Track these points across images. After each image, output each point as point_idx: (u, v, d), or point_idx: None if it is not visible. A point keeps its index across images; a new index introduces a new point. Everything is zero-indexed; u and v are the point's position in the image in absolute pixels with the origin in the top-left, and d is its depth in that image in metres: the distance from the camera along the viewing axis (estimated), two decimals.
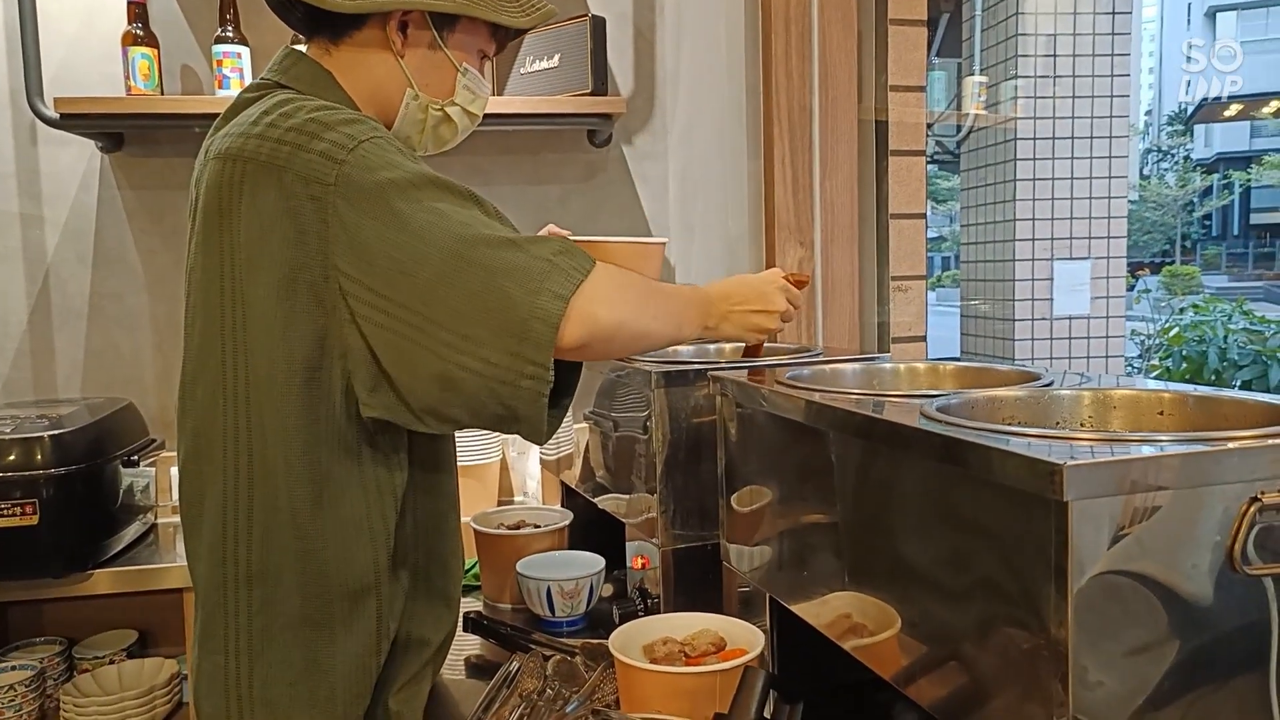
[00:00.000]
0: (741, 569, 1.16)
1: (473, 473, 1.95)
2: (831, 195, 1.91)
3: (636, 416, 1.34)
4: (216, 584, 0.98)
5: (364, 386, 0.93)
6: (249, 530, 0.96)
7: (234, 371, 0.95)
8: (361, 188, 0.90)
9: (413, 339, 0.90)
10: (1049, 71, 4.59)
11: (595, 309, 0.92)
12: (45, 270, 1.99)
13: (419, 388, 0.92)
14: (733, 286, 1.17)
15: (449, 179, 0.96)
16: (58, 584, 1.67)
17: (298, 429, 0.94)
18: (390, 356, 0.91)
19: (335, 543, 0.97)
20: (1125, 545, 0.63)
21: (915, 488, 0.79)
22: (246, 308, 0.93)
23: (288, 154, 0.91)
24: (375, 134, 0.95)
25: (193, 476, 0.99)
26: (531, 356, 0.89)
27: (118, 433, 1.80)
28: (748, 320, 1.17)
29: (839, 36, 1.87)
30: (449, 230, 0.90)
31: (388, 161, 0.92)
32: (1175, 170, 20.84)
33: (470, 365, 0.89)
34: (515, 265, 0.90)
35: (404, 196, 0.90)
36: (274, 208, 0.91)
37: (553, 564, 1.47)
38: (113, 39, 1.90)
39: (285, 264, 0.91)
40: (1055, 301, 4.83)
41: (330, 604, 0.98)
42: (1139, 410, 0.86)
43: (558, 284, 0.90)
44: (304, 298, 0.91)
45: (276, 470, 0.95)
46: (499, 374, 0.89)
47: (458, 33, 1.09)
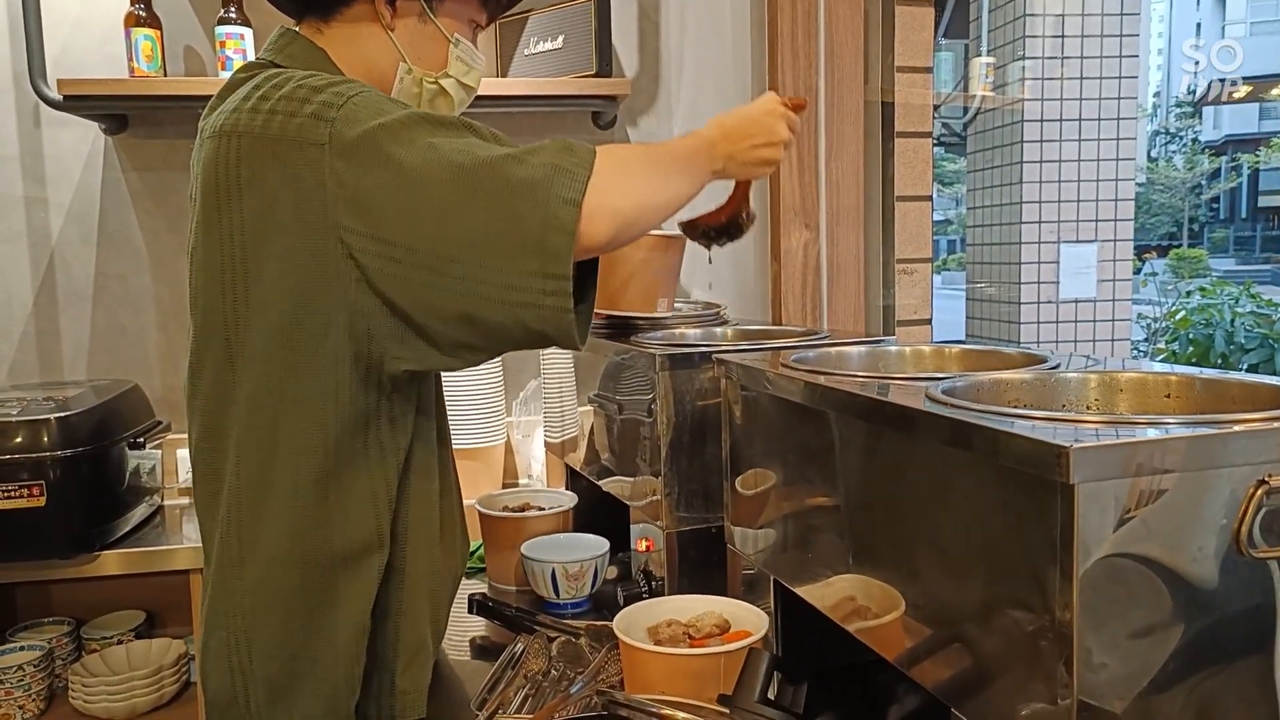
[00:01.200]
0: (746, 551, 1.17)
1: (477, 455, 1.96)
2: (837, 177, 1.90)
3: (641, 399, 1.34)
4: (227, 560, 0.98)
5: (391, 340, 0.93)
6: (259, 506, 0.96)
7: (241, 349, 0.94)
8: (354, 140, 0.89)
9: (428, 281, 0.89)
10: (1057, 53, 4.55)
11: (609, 200, 0.90)
12: (50, 252, 1.99)
13: (444, 328, 0.91)
14: (733, 124, 1.13)
15: (439, 113, 0.95)
16: (65, 565, 1.68)
17: (306, 401, 0.94)
18: (410, 302, 0.90)
19: (339, 514, 0.97)
20: (1131, 528, 0.63)
21: (920, 470, 0.79)
22: (249, 285, 0.93)
23: (280, 123, 0.90)
24: (364, 89, 0.94)
25: (207, 455, 1.00)
26: (551, 271, 0.87)
27: (124, 415, 1.81)
28: (753, 156, 1.13)
29: (845, 16, 1.85)
30: (447, 162, 0.89)
31: (377, 110, 0.91)
32: (1183, 153, 20.70)
33: (490, 294, 0.88)
34: (520, 181, 0.88)
35: (396, 139, 0.89)
36: (272, 179, 0.90)
37: (557, 546, 1.48)
38: (115, 20, 1.89)
39: (287, 234, 0.90)
40: (1061, 284, 4.81)
41: (332, 571, 0.98)
42: (1146, 393, 0.85)
43: (565, 189, 0.88)
44: (309, 267, 0.91)
45: (287, 444, 0.95)
46: (521, 297, 0.88)
47: (448, 3, 1.09)
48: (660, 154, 1.05)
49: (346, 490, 0.97)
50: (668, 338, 1.47)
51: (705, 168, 1.08)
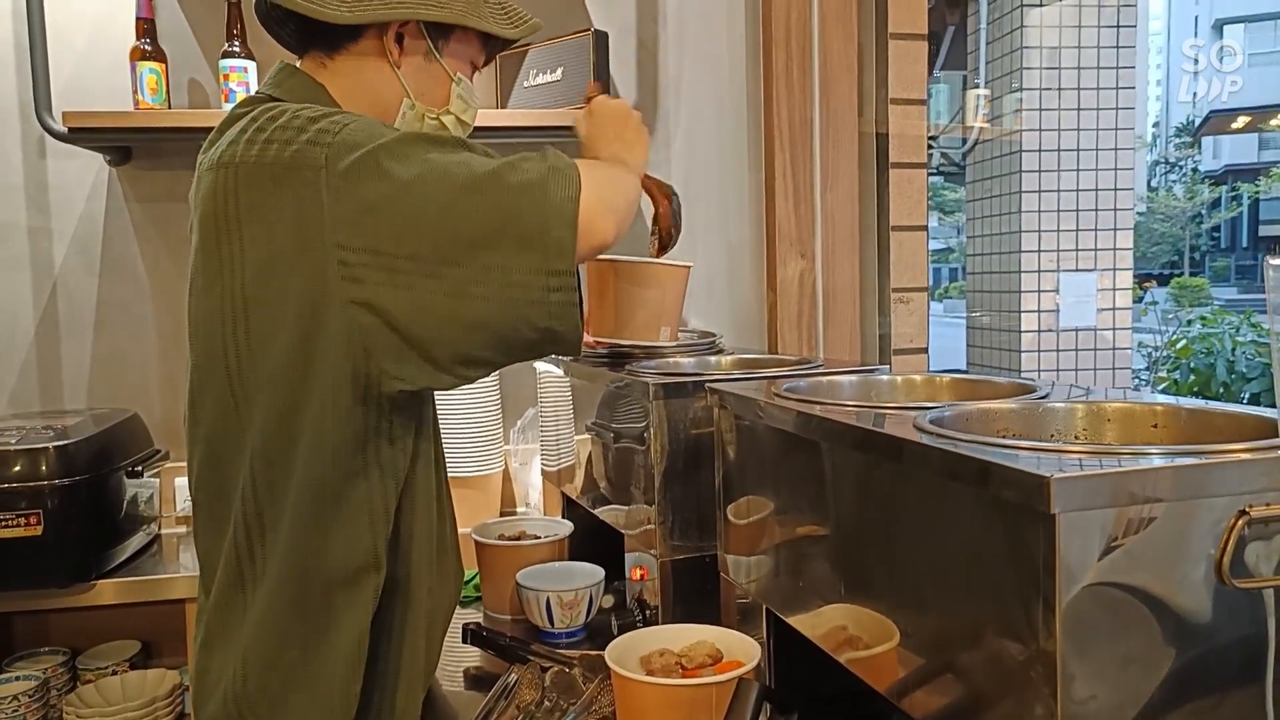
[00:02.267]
0: (739, 580, 1.17)
1: (474, 484, 1.96)
2: (832, 207, 1.91)
3: (636, 427, 1.34)
4: (230, 585, 0.99)
5: (388, 359, 0.93)
6: (262, 531, 0.97)
7: (244, 376, 0.95)
8: (351, 160, 0.91)
9: (430, 288, 0.90)
10: (1054, 84, 4.59)
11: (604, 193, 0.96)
12: (52, 281, 2.01)
13: (445, 337, 0.92)
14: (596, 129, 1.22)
15: (434, 132, 0.98)
16: (62, 594, 1.68)
17: (308, 428, 0.94)
18: (410, 314, 0.91)
19: (337, 535, 0.98)
20: (1115, 558, 0.63)
21: (909, 500, 0.79)
22: (250, 315, 0.94)
23: (277, 150, 0.92)
24: (359, 117, 0.96)
25: (209, 483, 1.00)
26: (555, 266, 0.90)
27: (122, 443, 1.81)
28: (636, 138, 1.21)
29: (840, 49, 1.88)
30: (445, 171, 0.91)
31: (372, 133, 0.93)
32: (1183, 182, 20.82)
33: (495, 294, 0.90)
34: (517, 183, 0.91)
35: (393, 156, 0.91)
36: (270, 206, 0.92)
37: (552, 575, 1.48)
38: (121, 53, 1.92)
39: (287, 260, 0.91)
40: (1062, 313, 4.82)
41: (329, 591, 0.98)
42: (1132, 423, 0.86)
43: (562, 187, 0.92)
44: (308, 291, 0.91)
45: (289, 470, 0.95)
46: (526, 294, 0.90)
47: (452, 43, 1.12)
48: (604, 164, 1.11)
49: (344, 509, 0.98)
50: (662, 366, 1.48)
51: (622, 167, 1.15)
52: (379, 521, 1.00)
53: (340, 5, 1.03)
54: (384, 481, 1.00)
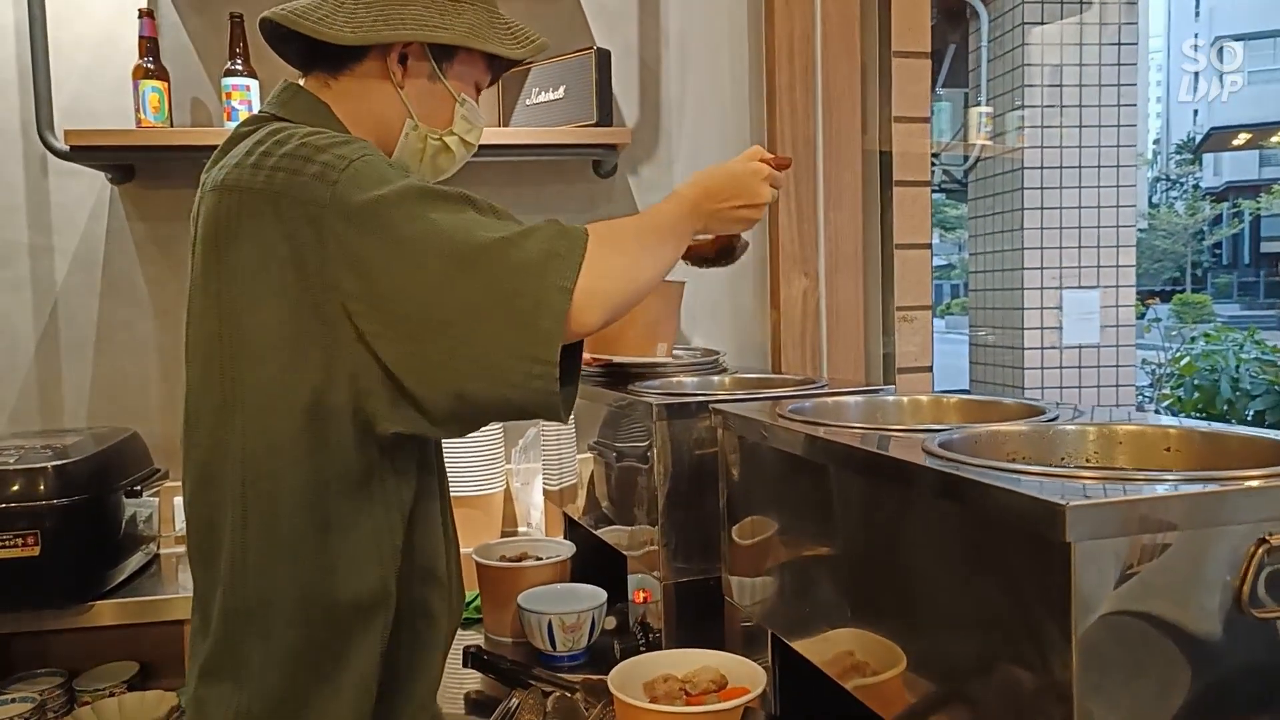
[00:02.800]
0: (743, 604, 1.15)
1: (476, 503, 1.94)
2: (836, 225, 1.90)
3: (639, 448, 1.33)
4: (224, 614, 0.97)
5: (384, 403, 0.93)
6: (258, 560, 0.95)
7: (236, 403, 0.94)
8: (355, 205, 0.90)
9: (419, 352, 0.90)
10: (1055, 101, 4.60)
11: (600, 285, 0.92)
12: (54, 300, 2.00)
13: (435, 399, 0.92)
14: (716, 184, 1.15)
15: (440, 186, 0.96)
16: (60, 615, 1.66)
17: (303, 457, 0.93)
18: (402, 370, 0.91)
19: (344, 567, 0.96)
20: (1131, 586, 0.62)
21: (918, 524, 0.78)
22: (246, 337, 0.93)
23: (283, 180, 0.91)
24: (366, 152, 0.95)
25: (201, 509, 0.99)
26: (539, 355, 0.89)
27: (121, 462, 1.80)
28: (734, 215, 1.15)
29: (842, 68, 1.88)
30: (445, 238, 0.90)
31: (380, 178, 0.92)
32: (1184, 199, 20.85)
33: (478, 372, 0.89)
34: (515, 264, 0.90)
35: (397, 209, 0.91)
36: (272, 234, 0.91)
37: (554, 597, 1.46)
38: (124, 72, 1.92)
39: (285, 289, 0.91)
40: (1065, 330, 4.80)
41: (336, 627, 0.97)
42: (1145, 446, 0.84)
43: (559, 274, 0.90)
44: (307, 322, 0.91)
45: (286, 500, 0.94)
46: (508, 377, 0.89)
47: (456, 64, 1.11)
48: (647, 226, 1.07)
49: (350, 543, 0.96)
50: (665, 386, 1.47)
51: (688, 230, 1.11)
52: (387, 555, 0.99)
53: (344, 26, 1.02)
54: (389, 514, 0.99)
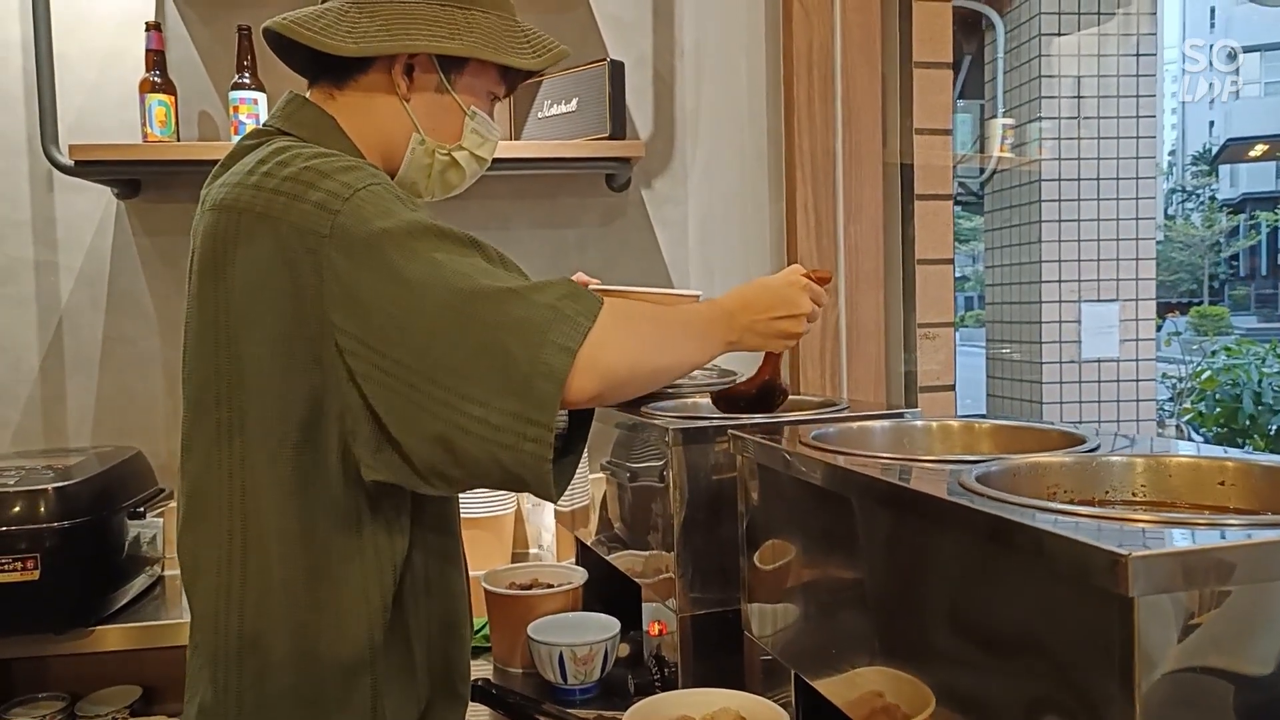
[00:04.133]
0: (763, 640, 1.10)
1: (486, 525, 1.90)
2: (856, 240, 1.85)
3: (653, 472, 1.28)
4: (210, 653, 0.93)
5: (367, 447, 0.89)
6: (242, 599, 0.91)
7: (228, 433, 0.90)
8: (356, 239, 0.86)
9: (410, 398, 0.85)
10: (1073, 113, 4.55)
11: (605, 356, 0.87)
12: (59, 316, 1.97)
13: (420, 449, 0.87)
14: (753, 294, 1.10)
15: (447, 226, 0.91)
16: (60, 640, 1.62)
17: (293, 493, 0.89)
18: (390, 416, 0.86)
19: (330, 614, 0.92)
20: (1196, 639, 0.57)
21: (956, 564, 0.73)
22: (241, 366, 0.89)
23: (283, 205, 0.88)
24: (372, 181, 0.91)
25: (188, 541, 0.95)
26: (534, 417, 0.84)
27: (125, 483, 1.77)
28: (772, 328, 1.10)
29: (863, 79, 1.83)
30: (446, 283, 0.85)
31: (384, 210, 0.88)
32: (1201, 210, 20.71)
33: (469, 427, 0.84)
34: (516, 319, 0.85)
35: (399, 247, 0.86)
36: (269, 260, 0.87)
37: (565, 627, 1.41)
38: (132, 87, 1.89)
39: (281, 318, 0.87)
40: (1084, 344, 4.74)
41: (323, 680, 0.92)
42: (1198, 479, 0.79)
43: (563, 335, 0.85)
44: (300, 354, 0.87)
45: (271, 537, 0.90)
46: (499, 437, 0.84)
47: (465, 75, 1.06)
48: (671, 318, 1.03)
49: (338, 593, 0.92)
50: (681, 408, 1.42)
51: (720, 337, 1.06)
52: (375, 612, 0.93)
53: (346, 37, 0.98)
54: (380, 565, 0.94)
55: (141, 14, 1.92)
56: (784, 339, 1.13)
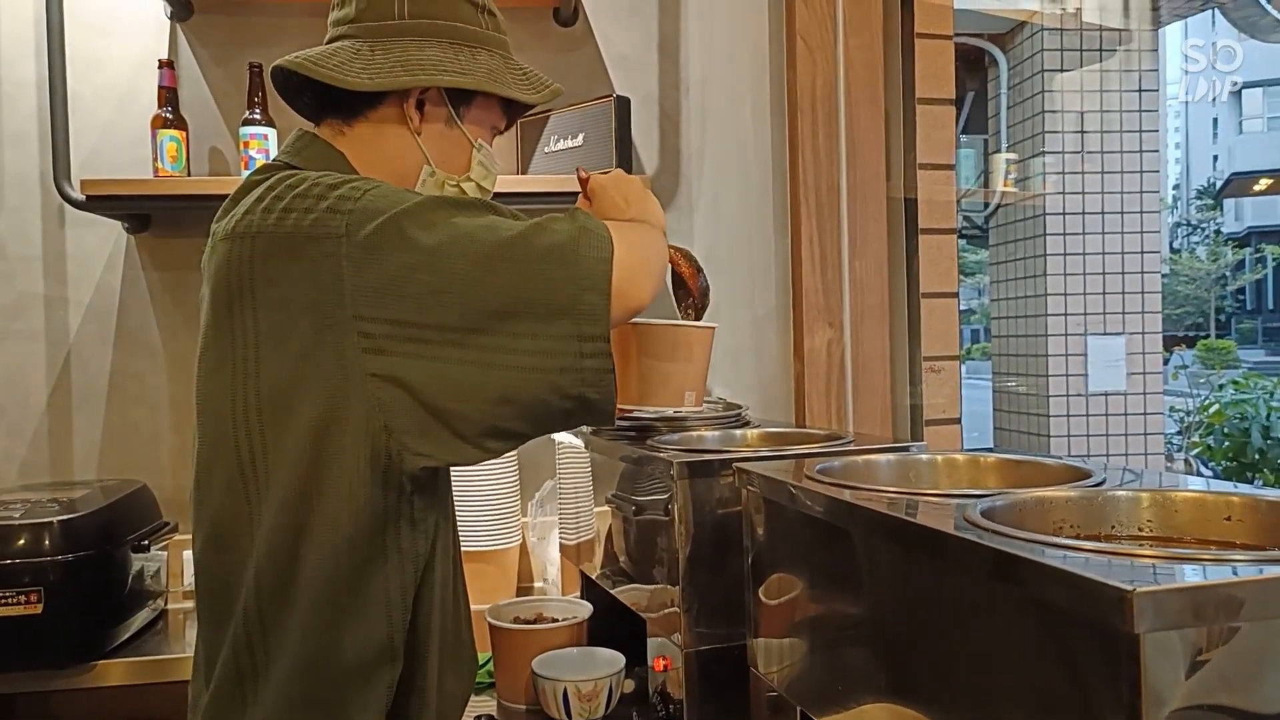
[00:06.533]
0: (769, 676, 1.09)
1: (491, 559, 1.89)
2: (861, 274, 1.86)
3: (658, 505, 1.28)
4: (232, 676, 0.92)
5: (411, 435, 0.88)
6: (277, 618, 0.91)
7: (252, 460, 0.91)
8: (372, 228, 0.87)
9: (456, 358, 0.86)
10: (1077, 148, 4.58)
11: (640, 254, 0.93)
12: (67, 350, 1.98)
13: (472, 409, 0.87)
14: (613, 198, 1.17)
15: (457, 196, 0.95)
16: (63, 675, 1.61)
17: (327, 507, 0.89)
18: (435, 386, 0.87)
19: (351, 624, 0.92)
20: (1204, 676, 0.56)
21: (961, 599, 0.72)
22: (262, 393, 0.89)
23: (295, 220, 0.89)
24: (379, 184, 0.93)
25: (212, 567, 0.95)
26: (588, 332, 0.86)
27: (129, 517, 1.76)
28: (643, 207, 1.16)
29: (866, 115, 1.85)
30: (470, 236, 0.88)
31: (396, 199, 0.90)
32: (1206, 244, 20.76)
33: (525, 364, 0.86)
34: (546, 246, 0.88)
35: (416, 221, 0.88)
36: (290, 275, 0.88)
37: (570, 662, 1.40)
38: (143, 124, 1.91)
39: (305, 334, 0.87)
40: (1090, 377, 4.73)
41: (339, 685, 0.92)
42: (1204, 514, 0.78)
43: (594, 248, 0.89)
44: (327, 366, 0.87)
45: (303, 558, 0.90)
46: (557, 363, 0.86)
47: (473, 109, 1.09)
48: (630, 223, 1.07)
49: (360, 599, 0.92)
50: (686, 441, 1.42)
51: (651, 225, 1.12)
52: (396, 611, 0.94)
53: (362, 72, 1.00)
54: (403, 567, 0.95)
55: (154, 54, 1.95)
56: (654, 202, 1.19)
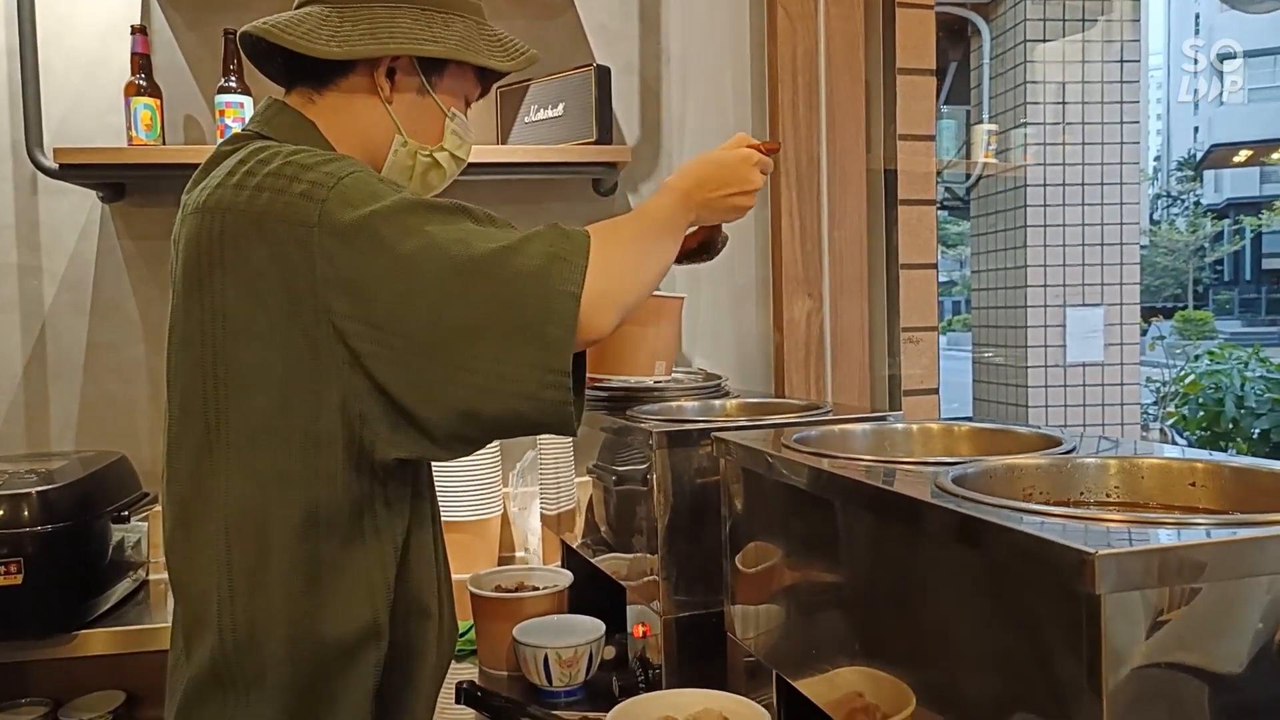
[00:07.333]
0: (746, 641, 1.10)
1: (472, 529, 1.90)
2: (840, 245, 1.87)
3: (637, 475, 1.29)
4: (205, 655, 0.93)
5: (382, 426, 0.89)
6: (243, 601, 0.91)
7: (219, 436, 0.90)
8: (346, 223, 0.87)
9: (423, 368, 0.86)
10: (1058, 119, 4.58)
11: (610, 286, 0.90)
12: (41, 322, 1.96)
13: (441, 419, 0.88)
14: (706, 171, 1.12)
15: (434, 198, 0.93)
16: (43, 645, 1.62)
17: (293, 493, 0.90)
18: (403, 390, 0.87)
19: (333, 606, 0.92)
20: (1163, 637, 0.58)
21: (931, 564, 0.74)
22: (232, 369, 0.89)
23: (267, 200, 0.88)
24: (355, 169, 0.92)
25: (180, 546, 0.95)
26: (549, 364, 0.86)
27: (108, 487, 1.76)
28: (726, 204, 1.12)
29: (846, 86, 1.85)
30: (444, 251, 0.87)
31: (370, 193, 0.89)
32: (1185, 215, 20.88)
33: (489, 386, 0.86)
34: (518, 271, 0.87)
35: (391, 224, 0.87)
36: (258, 258, 0.88)
37: (551, 629, 1.41)
38: (116, 91, 1.89)
39: (273, 316, 0.87)
40: (1068, 348, 4.77)
41: (325, 666, 0.93)
42: (1169, 481, 0.80)
43: (565, 279, 0.88)
44: (295, 350, 0.87)
45: (273, 537, 0.90)
46: (518, 388, 0.86)
47: (446, 78, 1.07)
48: (645, 223, 1.04)
49: (340, 581, 0.92)
50: (665, 411, 1.43)
51: (683, 222, 1.09)
52: (379, 591, 0.95)
53: (330, 40, 0.99)
54: (381, 549, 0.95)
55: (126, 20, 1.91)
56: (736, 213, 1.15)
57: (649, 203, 1.08)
